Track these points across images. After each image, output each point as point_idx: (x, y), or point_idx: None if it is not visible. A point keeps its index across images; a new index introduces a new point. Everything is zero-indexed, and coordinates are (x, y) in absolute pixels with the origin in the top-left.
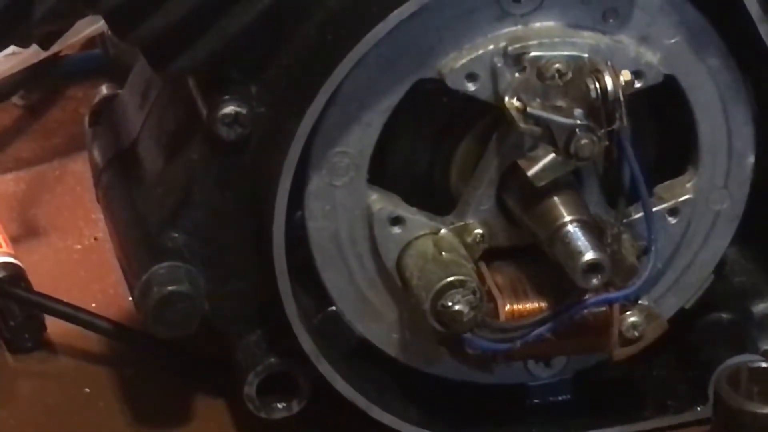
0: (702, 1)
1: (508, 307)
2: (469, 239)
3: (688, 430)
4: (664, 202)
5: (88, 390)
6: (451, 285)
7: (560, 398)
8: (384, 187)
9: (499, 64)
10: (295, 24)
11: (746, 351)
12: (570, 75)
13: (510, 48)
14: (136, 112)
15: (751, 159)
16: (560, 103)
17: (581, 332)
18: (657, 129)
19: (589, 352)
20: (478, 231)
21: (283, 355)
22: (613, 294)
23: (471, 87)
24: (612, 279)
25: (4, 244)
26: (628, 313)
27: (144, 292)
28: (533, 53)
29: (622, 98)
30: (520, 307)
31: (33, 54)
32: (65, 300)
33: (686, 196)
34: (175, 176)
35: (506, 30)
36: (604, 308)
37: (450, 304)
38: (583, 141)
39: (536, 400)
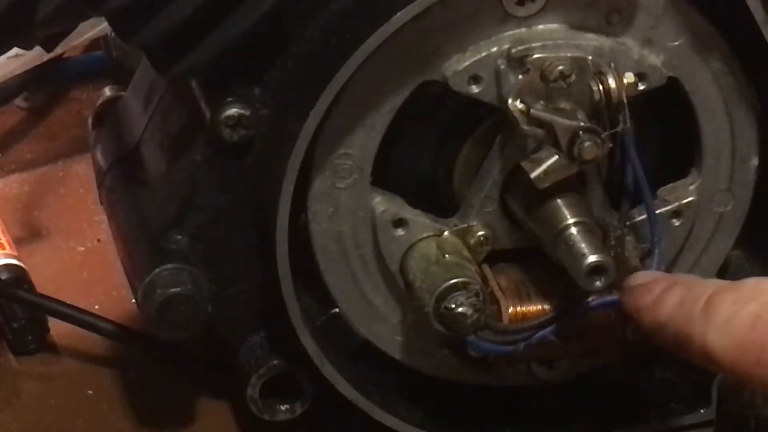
0: (706, 3)
1: (511, 309)
2: (472, 241)
3: None
4: (668, 205)
5: (91, 392)
6: (455, 287)
7: (563, 401)
8: (387, 189)
9: (502, 66)
10: (299, 26)
11: None
12: (573, 77)
13: (513, 50)
14: (139, 114)
15: (755, 161)
16: (564, 105)
17: (584, 335)
18: (660, 131)
19: (592, 355)
20: (482, 233)
21: (286, 357)
22: (616, 296)
23: (474, 89)
24: (615, 281)
25: (7, 246)
26: None
27: (147, 294)
28: (537, 55)
29: (625, 100)
30: (524, 309)
31: (36, 56)
32: (68, 302)
33: (689, 199)
34: (178, 178)
35: (510, 32)
36: (607, 311)
37: (453, 306)
38: (587, 143)
39: (539, 403)
